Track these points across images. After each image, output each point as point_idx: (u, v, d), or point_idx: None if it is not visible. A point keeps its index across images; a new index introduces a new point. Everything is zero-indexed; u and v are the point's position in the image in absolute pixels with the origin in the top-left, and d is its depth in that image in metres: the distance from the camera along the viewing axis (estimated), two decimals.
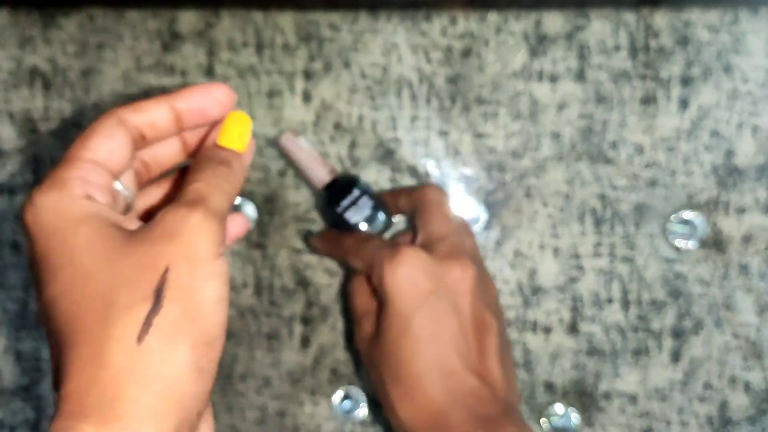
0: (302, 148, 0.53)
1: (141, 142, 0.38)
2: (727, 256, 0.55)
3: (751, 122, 0.54)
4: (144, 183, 0.41)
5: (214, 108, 0.38)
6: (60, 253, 0.32)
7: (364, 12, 0.55)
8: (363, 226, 0.52)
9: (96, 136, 0.36)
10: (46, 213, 0.33)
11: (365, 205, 0.52)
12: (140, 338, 0.30)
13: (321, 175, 0.53)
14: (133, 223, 0.35)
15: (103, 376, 0.30)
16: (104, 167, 0.35)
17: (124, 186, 0.37)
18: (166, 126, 0.38)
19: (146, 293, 0.31)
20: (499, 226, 0.56)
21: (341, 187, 0.52)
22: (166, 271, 0.32)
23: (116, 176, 0.36)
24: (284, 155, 0.54)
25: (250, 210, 0.56)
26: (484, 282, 0.50)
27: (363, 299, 0.50)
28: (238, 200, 0.56)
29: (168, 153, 0.40)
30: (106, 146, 0.36)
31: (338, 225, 0.53)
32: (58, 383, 0.32)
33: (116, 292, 0.31)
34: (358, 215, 0.52)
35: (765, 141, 0.54)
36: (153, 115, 0.37)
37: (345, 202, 0.52)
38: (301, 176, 0.54)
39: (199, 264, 0.32)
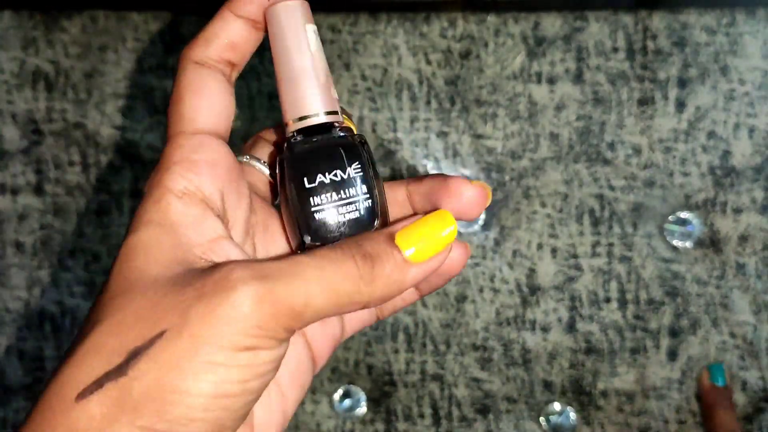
0: (314, 44, 0.30)
1: (231, 71, 0.31)
2: (724, 256, 0.55)
3: (748, 123, 0.55)
4: None
5: None
6: (123, 242, 0.28)
7: (364, 14, 0.55)
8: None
9: (187, 95, 0.29)
10: (140, 205, 0.28)
11: (356, 204, 0.30)
12: (80, 396, 0.25)
13: (319, 101, 0.30)
14: (227, 247, 0.28)
15: (33, 425, 0.25)
16: (218, 138, 0.30)
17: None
18: (246, 39, 0.31)
19: (122, 347, 0.25)
20: (498, 227, 0.56)
21: (335, 149, 0.29)
22: (159, 334, 0.25)
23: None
24: (273, 41, 0.31)
25: None
26: None
27: None
28: None
29: None
30: (205, 104, 0.29)
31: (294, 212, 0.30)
32: None
33: (102, 327, 0.26)
34: (336, 213, 0.29)
35: (762, 142, 0.55)
36: (226, 35, 0.30)
37: (325, 179, 0.29)
38: (282, 88, 0.31)
39: (205, 348, 0.25)
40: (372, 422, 0.57)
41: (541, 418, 0.57)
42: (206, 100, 0.29)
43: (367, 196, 0.29)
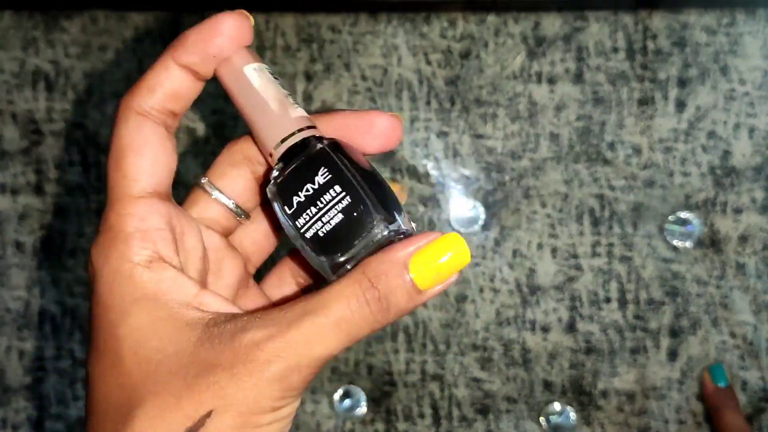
0: (267, 81, 0.30)
1: (172, 121, 0.30)
2: (724, 255, 0.55)
3: (748, 123, 0.55)
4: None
5: (225, 45, 0.29)
6: (108, 335, 0.28)
7: (365, 14, 0.55)
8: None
9: (129, 154, 0.29)
10: (102, 284, 0.28)
11: (337, 211, 0.29)
12: None
13: (285, 124, 0.30)
14: (211, 299, 0.29)
15: None
16: (160, 199, 0.29)
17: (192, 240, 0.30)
18: (188, 88, 0.30)
19: (173, 429, 0.26)
20: (498, 226, 0.56)
21: (307, 162, 0.29)
22: (207, 414, 0.26)
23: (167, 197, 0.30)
24: (231, 95, 0.31)
25: None
26: None
27: None
28: None
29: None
30: (147, 162, 0.29)
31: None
32: None
33: (142, 412, 0.27)
34: (321, 224, 0.30)
35: (762, 142, 0.55)
36: (170, 85, 0.29)
37: (304, 195, 0.29)
38: (251, 126, 0.31)
39: (252, 419, 0.27)
40: (372, 422, 0.58)
41: (541, 418, 0.57)
42: (149, 159, 0.29)
43: (344, 194, 0.28)
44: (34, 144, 0.57)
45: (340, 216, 0.28)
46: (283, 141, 0.29)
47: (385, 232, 0.28)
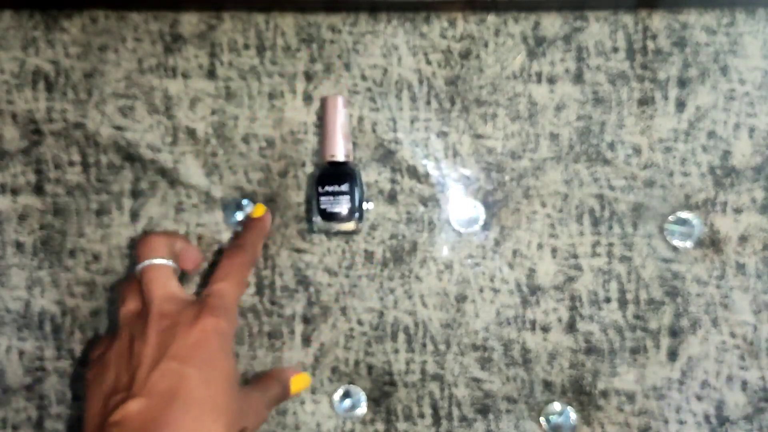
0: (343, 118, 0.54)
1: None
2: (724, 255, 0.55)
3: (748, 123, 0.55)
4: None
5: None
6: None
7: (365, 14, 0.55)
8: (325, 215, 0.54)
9: None
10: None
11: (342, 204, 0.54)
12: None
13: (338, 150, 0.54)
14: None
15: None
16: None
17: None
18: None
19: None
20: (498, 226, 0.56)
21: (339, 174, 0.54)
22: None
23: None
24: (322, 113, 0.55)
25: (251, 210, 0.57)
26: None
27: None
28: (244, 201, 0.57)
29: None
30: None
31: (310, 200, 0.56)
32: None
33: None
34: (331, 206, 0.54)
35: (762, 142, 0.55)
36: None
37: (330, 189, 0.54)
38: (322, 139, 0.55)
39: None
40: (372, 422, 0.58)
41: (541, 418, 0.57)
42: None
43: (349, 197, 0.54)
44: (34, 144, 0.57)
45: (345, 208, 0.54)
46: (344, 156, 0.55)
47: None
